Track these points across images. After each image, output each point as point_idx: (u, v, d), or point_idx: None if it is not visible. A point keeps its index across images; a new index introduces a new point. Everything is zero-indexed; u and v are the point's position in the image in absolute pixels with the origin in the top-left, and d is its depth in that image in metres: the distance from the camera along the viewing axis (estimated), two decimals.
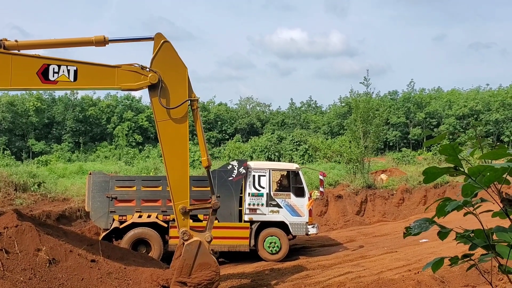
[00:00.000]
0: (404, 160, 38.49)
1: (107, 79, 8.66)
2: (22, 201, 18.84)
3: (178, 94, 8.81)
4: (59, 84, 8.50)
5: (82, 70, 8.55)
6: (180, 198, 8.81)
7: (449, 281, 9.58)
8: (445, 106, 66.74)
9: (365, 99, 27.90)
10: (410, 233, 2.12)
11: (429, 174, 2.05)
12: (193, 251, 8.69)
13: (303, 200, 14.49)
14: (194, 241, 8.75)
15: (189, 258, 8.63)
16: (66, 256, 8.27)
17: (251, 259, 14.21)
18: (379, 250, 15.05)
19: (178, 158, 8.83)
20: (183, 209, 8.76)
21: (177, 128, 8.79)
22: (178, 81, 8.84)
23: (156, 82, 8.63)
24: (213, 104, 74.49)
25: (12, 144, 56.62)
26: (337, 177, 25.89)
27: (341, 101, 72.54)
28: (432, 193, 24.00)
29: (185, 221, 8.85)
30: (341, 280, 10.74)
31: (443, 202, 2.08)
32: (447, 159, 2.04)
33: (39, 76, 8.39)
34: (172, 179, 8.81)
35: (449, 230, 2.13)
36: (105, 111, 65.15)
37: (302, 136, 48.33)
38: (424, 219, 2.14)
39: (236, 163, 14.63)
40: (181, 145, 8.84)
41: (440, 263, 2.16)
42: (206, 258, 8.75)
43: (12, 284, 6.85)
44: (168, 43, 8.82)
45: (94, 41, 8.87)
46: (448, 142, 2.11)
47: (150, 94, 8.79)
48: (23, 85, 8.62)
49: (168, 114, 8.74)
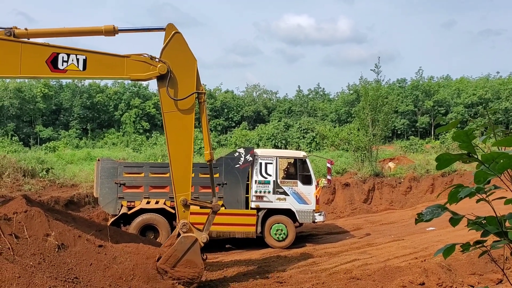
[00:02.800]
0: (412, 148, 38.33)
1: (116, 69, 8.65)
2: (30, 186, 19.00)
3: (186, 86, 8.79)
4: (68, 73, 8.50)
5: (91, 59, 8.53)
6: (182, 190, 8.85)
7: (456, 269, 9.58)
8: (454, 94, 66.30)
9: (375, 87, 27.72)
10: (422, 219, 2.11)
11: (442, 161, 2.03)
12: (186, 245, 8.69)
13: (310, 188, 14.50)
14: (191, 236, 8.76)
15: (180, 251, 8.63)
16: (75, 242, 8.35)
17: (257, 246, 14.28)
18: (386, 238, 15.07)
19: (182, 150, 8.86)
20: (184, 201, 8.80)
21: (183, 120, 8.79)
22: (187, 73, 8.82)
23: (165, 73, 8.61)
24: (219, 91, 74.40)
25: (20, 130, 57.00)
26: (344, 165, 25.85)
27: (349, 88, 72.27)
28: (440, 181, 23.92)
29: (186, 213, 8.89)
30: (348, 267, 10.79)
31: (455, 189, 2.06)
32: (460, 146, 2.01)
33: (48, 64, 8.40)
34: (175, 171, 8.84)
35: (461, 217, 2.11)
36: (113, 98, 65.33)
37: (309, 124, 48.21)
38: (436, 206, 2.12)
39: (243, 151, 14.63)
40: (186, 137, 8.86)
41: (452, 249, 2.15)
42: (196, 257, 8.73)
43: (22, 268, 6.92)
44: (179, 34, 8.78)
45: (104, 31, 8.85)
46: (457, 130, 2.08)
47: (159, 84, 8.78)
48: (32, 73, 8.63)
49: (175, 105, 8.74)
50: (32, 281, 6.75)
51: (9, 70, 8.43)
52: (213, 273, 10.69)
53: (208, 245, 14.62)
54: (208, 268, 11.10)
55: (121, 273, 8.02)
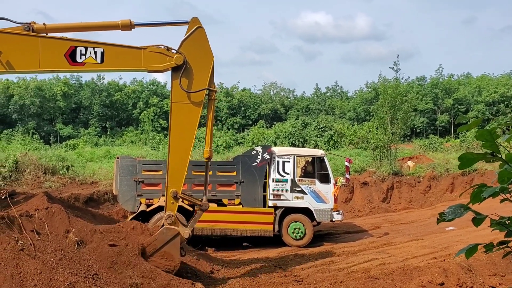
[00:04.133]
0: (431, 147, 37.88)
1: (134, 60, 8.73)
2: (51, 184, 19.28)
3: (199, 81, 8.83)
4: (86, 66, 8.60)
5: (108, 52, 8.62)
6: (175, 182, 8.85)
7: (476, 270, 9.44)
8: (474, 92, 65.20)
9: (394, 85, 27.46)
10: (444, 219, 2.08)
11: (464, 160, 2.00)
12: (167, 237, 8.65)
13: (328, 187, 14.43)
14: (173, 229, 8.73)
15: (160, 241, 8.59)
16: (92, 238, 8.44)
17: (275, 245, 14.27)
18: (405, 238, 14.92)
19: (182, 143, 8.88)
20: (174, 193, 8.78)
21: (190, 113, 8.83)
22: (202, 68, 8.85)
23: (181, 64, 8.66)
24: (236, 89, 74.42)
25: (41, 128, 57.87)
26: (363, 164, 25.67)
27: (368, 86, 71.64)
28: (460, 180, 23.60)
29: (174, 206, 8.89)
30: (366, 267, 10.71)
31: (478, 188, 2.03)
32: (483, 145, 1.98)
33: (66, 58, 8.51)
34: (172, 162, 8.87)
35: (485, 217, 2.08)
36: (131, 96, 65.89)
37: (327, 122, 47.98)
38: (459, 205, 2.09)
39: (260, 149, 14.63)
40: (189, 131, 8.89)
41: (474, 249, 2.12)
42: (174, 250, 8.67)
43: (43, 264, 7.03)
44: (202, 29, 8.84)
45: (120, 25, 8.93)
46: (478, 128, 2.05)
47: (173, 75, 8.83)
48: (51, 67, 8.72)
49: (185, 97, 8.77)
50: (53, 276, 6.86)
51: (29, 65, 8.56)
52: (230, 271, 10.72)
53: (225, 243, 14.73)
54: (225, 266, 11.13)
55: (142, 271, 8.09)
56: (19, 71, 8.79)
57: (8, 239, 7.11)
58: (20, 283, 6.64)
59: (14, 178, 19.35)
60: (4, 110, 58.69)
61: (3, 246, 6.98)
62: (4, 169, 19.41)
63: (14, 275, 6.68)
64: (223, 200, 14.09)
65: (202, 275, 9.99)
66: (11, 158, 20.04)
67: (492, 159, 1.99)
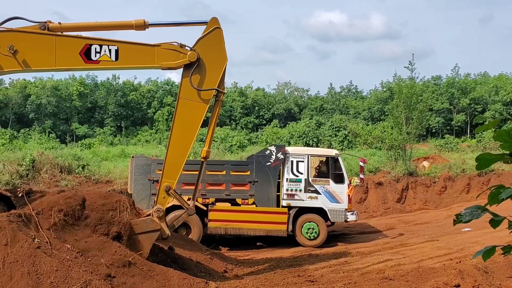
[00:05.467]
0: (447, 147, 37.46)
1: (148, 57, 8.78)
2: (67, 182, 19.52)
3: (209, 80, 8.84)
4: (101, 63, 8.67)
5: (123, 49, 8.68)
6: (169, 177, 8.87)
7: (493, 272, 9.30)
8: (491, 91, 64.28)
9: (409, 84, 27.24)
10: (461, 220, 2.05)
11: (482, 161, 1.97)
12: (147, 228, 8.59)
13: (342, 187, 14.37)
14: (156, 224, 8.67)
15: (139, 228, 8.51)
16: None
17: (289, 244, 14.25)
18: (420, 238, 14.79)
19: (184, 139, 8.91)
20: (167, 188, 8.77)
21: (195, 111, 8.85)
22: (214, 68, 8.87)
23: (194, 61, 8.68)
24: (250, 89, 74.43)
25: (57, 127, 58.51)
26: (377, 164, 25.51)
27: (383, 85, 71.10)
28: (476, 181, 23.33)
29: (164, 200, 8.89)
30: (380, 268, 10.64)
31: (496, 190, 2.00)
32: (501, 146, 1.95)
33: (81, 56, 8.58)
34: (170, 156, 8.90)
35: (502, 218, 2.05)
36: (146, 96, 66.30)
37: (341, 122, 47.73)
38: (476, 207, 2.06)
39: (274, 148, 14.62)
40: (192, 128, 8.91)
41: (492, 251, 2.08)
42: (147, 243, 8.58)
43: (60, 262, 7.11)
44: (220, 30, 8.87)
45: (135, 25, 9.00)
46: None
47: (184, 72, 8.84)
48: (67, 65, 8.80)
49: (193, 95, 8.80)
50: (69, 274, 6.93)
51: (45, 63, 8.67)
52: (243, 271, 10.73)
53: (239, 242, 14.75)
54: (239, 265, 11.15)
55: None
56: (35, 69, 8.85)
57: (25, 237, 7.20)
58: (37, 281, 6.72)
59: (31, 176, 19.63)
60: (21, 110, 59.49)
61: (20, 244, 7.08)
62: (21, 168, 19.70)
63: (30, 273, 6.77)
64: (237, 200, 14.12)
65: (216, 274, 10.02)
66: (28, 157, 20.32)
67: (510, 160, 1.96)
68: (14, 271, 6.78)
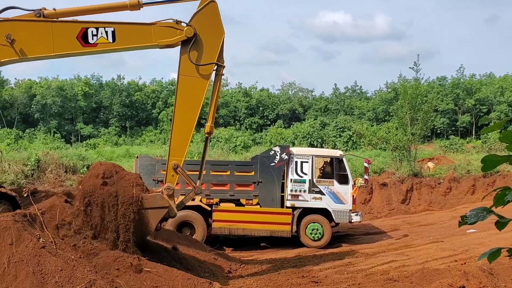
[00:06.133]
0: (452, 148, 37.34)
1: (145, 36, 8.82)
2: (72, 182, 19.56)
3: (208, 54, 8.86)
4: (99, 46, 8.73)
5: (119, 30, 8.74)
6: (176, 155, 8.91)
7: (498, 274, 9.26)
8: (497, 92, 64.05)
9: (414, 85, 27.16)
10: (466, 222, 2.04)
11: (487, 162, 1.97)
12: (156, 204, 8.62)
13: (346, 188, 14.35)
14: (165, 201, 8.70)
15: (148, 203, 8.53)
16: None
17: (293, 245, 14.24)
18: (424, 240, 14.74)
19: (187, 116, 8.93)
20: (175, 166, 8.81)
21: (196, 87, 8.87)
22: (212, 42, 8.88)
23: (191, 36, 8.69)
24: (255, 89, 74.45)
25: (62, 127, 58.74)
26: (382, 165, 25.45)
27: (387, 86, 70.94)
28: (481, 182, 23.24)
29: (173, 178, 8.93)
30: (385, 269, 10.61)
31: (502, 191, 1.99)
32: (508, 147, 1.95)
33: (79, 40, 8.65)
34: (175, 135, 8.93)
35: (508, 220, 2.04)
36: (151, 96, 66.43)
37: (346, 122, 47.68)
38: (481, 208, 2.05)
39: (279, 149, 14.61)
40: (194, 105, 8.92)
41: (497, 253, 2.07)
42: (154, 219, 8.61)
43: (64, 261, 7.14)
44: (214, 3, 8.87)
45: (129, 5, 9.01)
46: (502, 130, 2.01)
47: (182, 49, 8.85)
48: (65, 50, 8.83)
49: (193, 70, 8.81)
50: (73, 274, 6.96)
51: (43, 50, 8.71)
52: (248, 271, 10.73)
53: (243, 243, 14.74)
54: (243, 266, 11.15)
55: None
56: (34, 57, 8.90)
57: (30, 237, 7.24)
58: (42, 280, 6.75)
59: (36, 176, 19.70)
60: (27, 110, 59.76)
61: (25, 244, 7.11)
62: (27, 168, 19.78)
63: (35, 272, 6.80)
64: (241, 200, 14.12)
65: (220, 274, 10.03)
66: (33, 157, 20.40)
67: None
68: (19, 270, 6.81)
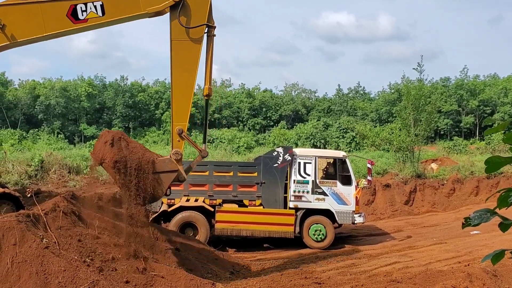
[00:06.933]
0: (456, 149, 37.25)
1: (133, 6, 8.91)
2: (75, 183, 19.61)
3: (197, 17, 8.95)
4: (89, 21, 8.82)
5: (107, 3, 8.83)
6: (180, 120, 9.05)
7: (502, 275, 9.23)
8: (501, 93, 63.88)
9: (417, 86, 27.11)
10: (470, 223, 2.04)
11: (491, 164, 1.96)
12: (166, 168, 8.76)
13: (350, 189, 14.32)
14: (175, 165, 8.82)
15: (159, 167, 8.67)
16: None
17: (296, 246, 14.22)
18: (428, 241, 14.70)
19: (185, 81, 9.05)
20: (180, 131, 8.95)
21: (190, 50, 8.97)
22: (199, 4, 8.97)
23: (179, 1, 8.78)
24: (258, 90, 74.48)
25: (65, 128, 58.93)
26: (385, 166, 25.40)
27: (391, 87, 70.88)
28: (485, 183, 23.15)
29: (180, 143, 9.07)
30: (388, 270, 10.60)
31: (506, 193, 1.98)
32: (511, 148, 1.94)
33: (69, 17, 8.75)
34: (176, 101, 9.06)
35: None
36: (154, 97, 66.55)
37: (349, 123, 47.64)
38: (485, 210, 2.04)
39: (282, 150, 14.60)
40: (191, 69, 9.02)
41: (501, 255, 2.06)
42: (165, 182, 8.76)
43: (67, 262, 7.15)
44: None
45: None
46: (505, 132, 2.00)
47: (171, 15, 8.95)
48: (57, 29, 8.91)
49: (184, 34, 8.90)
50: (76, 274, 6.97)
51: (34, 31, 8.81)
52: (250, 272, 10.73)
53: (246, 243, 14.73)
54: (246, 267, 11.15)
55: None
56: (26, 40, 8.94)
57: (33, 237, 7.25)
58: (45, 280, 6.77)
59: (39, 177, 19.75)
60: (31, 110, 59.97)
61: (29, 244, 7.12)
62: (30, 168, 19.83)
63: (39, 272, 6.81)
64: (244, 201, 14.12)
65: (223, 275, 10.02)
66: (37, 158, 20.46)
67: None
68: (23, 270, 6.83)
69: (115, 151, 8.36)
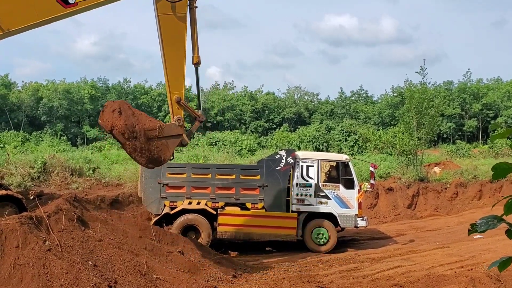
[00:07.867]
0: (459, 153, 37.20)
1: None
2: (78, 185, 19.61)
3: None
4: (79, 4, 9.13)
5: None
6: (176, 89, 9.66)
7: (505, 280, 9.18)
8: (504, 97, 63.79)
9: (420, 89, 27.08)
10: (476, 230, 2.02)
11: (498, 170, 1.94)
12: (172, 132, 9.35)
13: (352, 192, 14.28)
14: (180, 129, 9.44)
15: (166, 131, 9.24)
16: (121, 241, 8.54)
17: (298, 250, 14.19)
18: (431, 245, 14.65)
19: (176, 51, 9.53)
20: (178, 99, 9.56)
21: (177, 24, 9.48)
22: None
23: None
24: (260, 93, 74.55)
25: (68, 130, 59.11)
26: (388, 169, 25.34)
27: (393, 90, 70.85)
28: (488, 187, 23.06)
29: (179, 110, 9.70)
30: (391, 274, 10.55)
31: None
32: None
33: (59, 2, 9.02)
34: (169, 70, 9.57)
35: None
36: (157, 99, 66.75)
37: (352, 127, 47.61)
38: (492, 216, 2.02)
39: (284, 153, 14.57)
40: (180, 40, 9.53)
41: (508, 262, 2.04)
42: (171, 146, 9.35)
43: (70, 264, 7.15)
44: None
45: None
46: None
47: None
48: (49, 14, 9.14)
49: (169, 8, 9.35)
50: (79, 277, 6.96)
51: (27, 19, 9.03)
52: (252, 275, 10.69)
53: (248, 247, 14.70)
54: (248, 270, 11.12)
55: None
56: (20, 28, 9.10)
57: (36, 239, 7.25)
58: (47, 283, 6.76)
59: (42, 179, 19.75)
60: (34, 112, 60.15)
61: (31, 246, 7.12)
62: (33, 170, 19.83)
63: (41, 275, 6.80)
64: (246, 204, 14.08)
65: (225, 279, 9.99)
66: (39, 160, 20.46)
67: None
68: (25, 273, 6.82)
69: (124, 118, 8.85)
